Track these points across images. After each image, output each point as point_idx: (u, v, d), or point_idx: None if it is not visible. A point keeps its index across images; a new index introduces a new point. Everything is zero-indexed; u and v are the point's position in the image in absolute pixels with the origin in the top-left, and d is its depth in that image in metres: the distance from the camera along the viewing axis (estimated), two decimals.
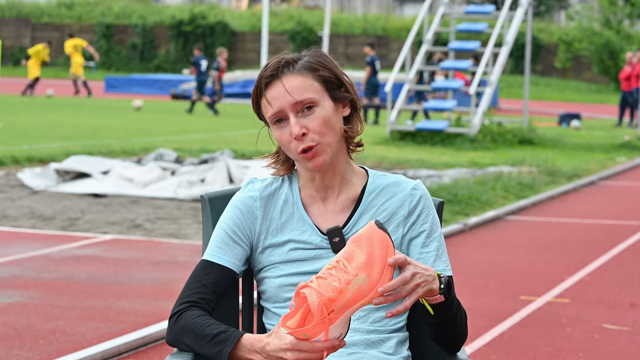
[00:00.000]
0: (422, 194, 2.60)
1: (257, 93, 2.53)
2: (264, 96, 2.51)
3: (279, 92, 2.49)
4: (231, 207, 2.60)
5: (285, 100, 2.48)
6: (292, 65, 2.51)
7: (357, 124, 2.58)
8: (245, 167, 12.46)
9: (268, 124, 2.56)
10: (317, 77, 2.50)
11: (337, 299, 2.20)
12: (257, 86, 2.52)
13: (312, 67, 2.51)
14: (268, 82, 2.50)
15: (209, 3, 55.70)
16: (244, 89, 33.58)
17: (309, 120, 2.48)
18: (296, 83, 2.49)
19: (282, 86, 2.48)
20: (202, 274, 2.54)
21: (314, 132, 2.48)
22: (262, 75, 2.51)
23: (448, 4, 21.13)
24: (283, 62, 2.51)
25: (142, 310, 6.20)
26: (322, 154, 2.49)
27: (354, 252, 2.25)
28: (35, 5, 51.61)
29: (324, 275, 2.22)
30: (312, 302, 2.18)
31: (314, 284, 2.20)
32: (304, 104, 2.48)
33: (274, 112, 2.50)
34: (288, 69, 2.50)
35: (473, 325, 2.88)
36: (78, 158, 12.39)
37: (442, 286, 2.38)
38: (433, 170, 14.26)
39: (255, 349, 2.34)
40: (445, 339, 2.55)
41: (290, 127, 2.48)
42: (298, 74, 2.50)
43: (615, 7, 42.16)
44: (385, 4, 59.85)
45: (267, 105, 2.50)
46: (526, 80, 21.76)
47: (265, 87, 2.50)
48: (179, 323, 2.48)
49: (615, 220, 10.72)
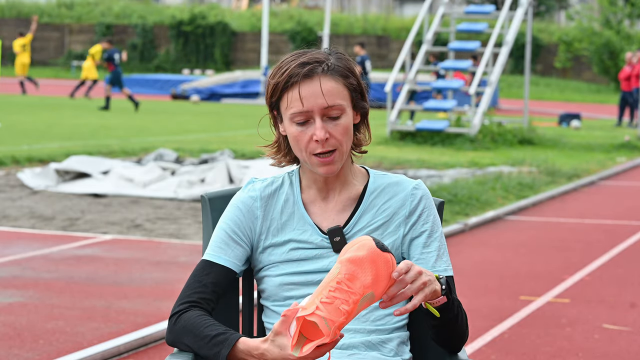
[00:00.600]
0: (423, 194, 2.60)
1: (285, 83, 2.46)
2: (296, 90, 2.45)
3: (313, 92, 2.45)
4: (231, 207, 2.60)
5: (317, 101, 2.44)
6: (327, 64, 2.47)
7: (366, 133, 2.59)
8: (245, 167, 12.46)
9: (278, 114, 2.52)
10: (347, 84, 2.49)
11: (348, 318, 2.21)
12: (288, 78, 2.45)
13: (344, 74, 2.48)
14: (305, 78, 2.45)
15: (209, 3, 55.70)
16: (244, 89, 33.56)
17: (334, 127, 2.46)
18: (330, 87, 2.46)
19: (319, 87, 2.45)
20: (203, 274, 2.54)
21: (336, 139, 2.47)
22: (296, 70, 2.45)
23: (448, 4, 21.13)
24: (321, 62, 2.47)
25: (142, 310, 6.20)
26: (337, 162, 2.49)
27: (356, 273, 2.22)
28: (35, 5, 51.62)
29: (329, 300, 2.19)
30: (325, 330, 2.17)
31: (322, 312, 2.18)
32: (333, 110, 2.46)
33: (302, 111, 2.45)
34: (324, 70, 2.46)
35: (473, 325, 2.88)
36: (78, 158, 12.39)
37: (443, 287, 2.38)
38: (433, 170, 14.26)
39: (253, 355, 2.33)
40: (447, 339, 2.54)
41: (313, 129, 2.45)
42: (332, 77, 2.47)
43: (615, 7, 42.17)
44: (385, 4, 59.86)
45: (296, 101, 2.45)
46: (526, 80, 21.76)
47: (301, 82, 2.45)
48: (179, 323, 2.48)
49: (615, 220, 10.72)
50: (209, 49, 48.05)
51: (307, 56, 2.48)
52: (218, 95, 33.35)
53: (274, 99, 2.50)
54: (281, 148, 2.58)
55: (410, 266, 2.28)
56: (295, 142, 2.49)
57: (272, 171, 11.93)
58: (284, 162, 2.59)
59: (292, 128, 2.48)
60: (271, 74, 2.51)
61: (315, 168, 2.50)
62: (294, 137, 2.49)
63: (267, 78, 2.57)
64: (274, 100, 2.50)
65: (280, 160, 2.59)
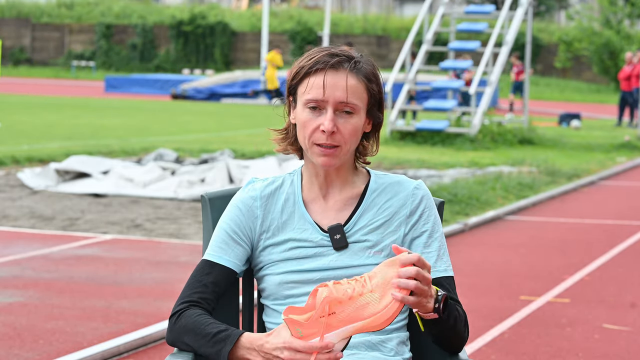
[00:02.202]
0: (424, 194, 2.60)
1: (310, 68, 2.48)
2: (319, 77, 2.47)
3: (336, 83, 2.46)
4: (231, 207, 2.60)
5: (337, 94, 2.46)
6: (357, 65, 2.49)
7: (374, 144, 2.60)
8: (245, 167, 12.46)
9: (293, 99, 2.53)
10: (368, 87, 2.51)
11: (344, 302, 2.22)
12: (314, 63, 2.47)
13: (369, 77, 2.50)
14: (331, 68, 2.47)
15: (209, 3, 55.71)
16: (244, 89, 33.55)
17: (343, 123, 2.48)
18: (353, 84, 2.48)
19: (344, 80, 2.47)
20: (203, 273, 2.54)
21: (342, 135, 2.48)
22: (324, 58, 2.46)
23: (448, 4, 21.13)
24: (350, 58, 2.49)
25: (142, 310, 6.20)
26: (337, 157, 2.50)
27: (379, 271, 2.26)
28: (35, 5, 51.62)
29: (342, 282, 2.25)
30: (319, 297, 2.21)
31: (330, 285, 2.23)
32: (348, 107, 2.47)
33: (319, 98, 2.47)
34: (353, 66, 2.48)
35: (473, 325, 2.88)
36: (78, 158, 12.39)
37: (436, 305, 2.37)
38: (433, 170, 14.26)
39: (254, 347, 2.34)
40: (445, 343, 2.55)
41: (323, 119, 2.47)
42: (357, 76, 2.49)
43: (615, 7, 42.18)
44: (385, 4, 59.86)
45: (317, 87, 2.46)
46: (526, 80, 21.75)
47: (327, 70, 2.47)
48: (179, 322, 2.48)
49: (615, 220, 10.72)
50: (209, 49, 48.06)
51: (338, 49, 2.51)
52: (218, 95, 33.34)
53: (295, 81, 2.51)
54: (289, 135, 2.59)
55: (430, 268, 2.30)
56: (302, 128, 2.50)
57: (272, 171, 11.93)
58: (289, 150, 2.60)
59: (304, 113, 2.49)
60: (299, 60, 2.53)
61: (315, 157, 2.51)
62: (303, 123, 2.49)
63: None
64: (294, 82, 2.51)
65: (285, 148, 2.60)
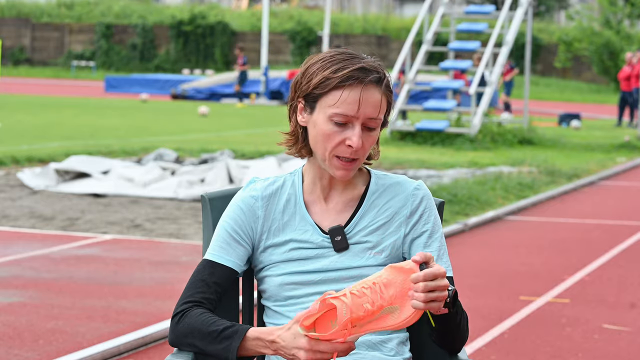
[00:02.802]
0: (424, 194, 2.60)
1: (341, 81, 2.42)
2: (354, 92, 2.42)
3: (368, 100, 2.43)
4: (232, 206, 2.60)
5: (368, 110, 2.43)
6: (383, 79, 2.46)
7: (375, 146, 2.60)
8: (245, 167, 12.46)
9: (307, 104, 2.49)
10: (388, 101, 2.50)
11: (365, 318, 2.21)
12: (347, 77, 2.42)
13: (391, 89, 2.50)
14: (368, 84, 2.43)
15: (209, 3, 55.71)
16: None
17: (367, 138, 2.47)
18: (383, 100, 2.47)
19: (379, 97, 2.45)
20: (204, 273, 2.54)
21: (364, 149, 2.48)
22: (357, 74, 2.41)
23: (448, 4, 21.13)
24: (379, 73, 2.45)
25: (142, 310, 6.20)
26: (355, 169, 2.50)
27: (394, 281, 2.24)
28: (35, 5, 51.63)
29: (358, 294, 2.21)
30: (341, 316, 2.18)
31: (347, 300, 2.19)
32: (375, 122, 2.47)
33: (350, 114, 2.43)
34: (381, 82, 2.46)
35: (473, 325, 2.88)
36: (78, 158, 12.39)
37: (447, 300, 2.37)
38: (433, 170, 14.26)
39: (265, 341, 2.34)
40: (447, 342, 2.55)
41: (351, 134, 2.44)
42: (384, 91, 2.47)
43: (615, 7, 42.18)
44: (385, 4, 59.86)
45: (350, 103, 2.42)
46: (526, 80, 21.76)
47: (364, 85, 2.43)
48: (183, 323, 2.48)
49: (615, 220, 10.72)
50: (209, 49, 48.06)
51: (365, 62, 2.46)
52: (218, 95, 33.34)
53: (318, 91, 2.46)
54: (299, 139, 2.55)
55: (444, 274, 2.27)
56: (324, 139, 2.46)
57: (272, 171, 11.93)
58: (298, 154, 2.57)
59: (327, 125, 2.45)
60: (316, 65, 2.46)
61: (332, 170, 2.49)
62: (326, 135, 2.46)
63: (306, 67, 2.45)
64: (317, 92, 2.46)
65: (298, 151, 2.56)
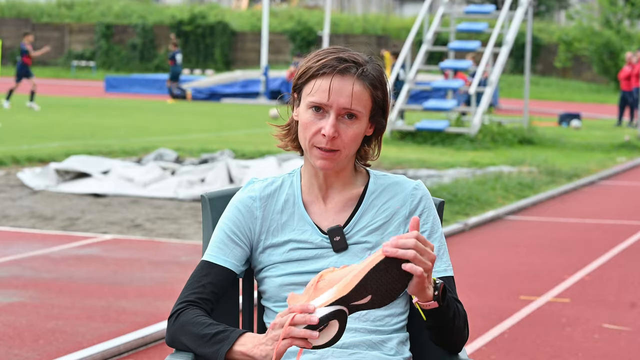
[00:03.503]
0: (423, 194, 2.60)
1: (317, 70, 2.46)
2: (325, 81, 2.45)
3: (342, 89, 2.45)
4: (231, 207, 2.60)
5: (341, 100, 2.45)
6: (363, 69, 2.48)
7: (375, 148, 2.60)
8: (245, 167, 12.46)
9: (298, 97, 2.53)
10: (373, 95, 2.49)
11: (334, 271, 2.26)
12: (322, 66, 2.45)
13: (375, 84, 2.49)
14: (338, 73, 2.46)
15: (209, 3, 55.71)
16: (244, 89, 33.55)
17: (345, 128, 2.47)
18: (358, 91, 2.47)
19: (351, 87, 2.46)
20: (202, 274, 2.55)
21: (343, 141, 2.48)
22: (332, 63, 2.45)
23: (448, 4, 21.13)
24: (358, 64, 2.47)
25: (142, 310, 6.20)
26: (335, 161, 2.50)
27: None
28: (35, 5, 51.63)
29: None
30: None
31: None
32: (350, 113, 2.47)
33: (323, 102, 2.46)
34: (360, 72, 2.47)
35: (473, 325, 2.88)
36: (78, 158, 12.39)
37: (435, 292, 2.37)
38: (433, 170, 14.26)
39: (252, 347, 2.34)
40: (445, 341, 2.54)
41: (325, 123, 2.46)
42: (364, 83, 2.47)
43: (615, 7, 42.17)
44: (385, 3, 59.86)
45: (322, 91, 2.45)
46: (526, 80, 21.75)
47: (334, 75, 2.46)
48: (178, 323, 2.49)
49: (615, 220, 10.72)
50: (209, 49, 48.06)
51: (347, 54, 2.49)
52: (218, 95, 33.34)
53: (301, 81, 2.51)
54: (291, 132, 2.59)
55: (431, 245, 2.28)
56: (303, 129, 2.50)
57: (272, 171, 11.93)
58: (290, 146, 2.60)
59: (306, 114, 2.49)
60: (307, 58, 2.52)
61: (313, 160, 2.51)
62: (304, 124, 2.49)
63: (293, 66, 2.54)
64: (300, 82, 2.51)
65: (286, 144, 2.60)
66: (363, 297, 2.23)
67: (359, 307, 2.24)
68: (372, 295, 2.23)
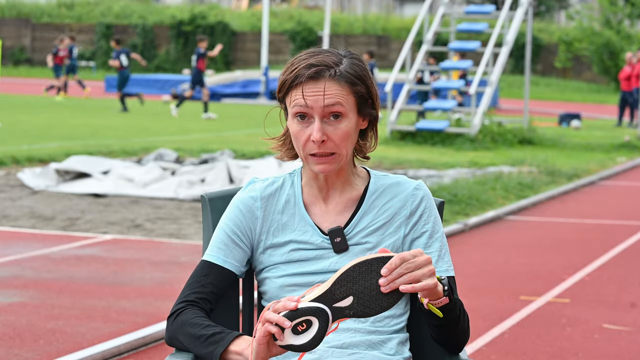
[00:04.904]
0: (424, 194, 2.60)
1: (292, 82, 2.48)
2: (300, 88, 2.47)
3: (316, 92, 2.46)
4: (232, 207, 2.60)
5: (317, 103, 2.46)
6: (335, 70, 2.48)
7: (372, 139, 2.59)
8: (245, 167, 12.46)
9: (286, 109, 2.55)
10: (353, 90, 2.49)
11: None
12: (295, 77, 2.47)
13: (352, 81, 2.49)
14: (309, 80, 2.46)
15: (209, 3, 55.70)
16: (244, 89, 33.55)
17: (333, 130, 2.47)
18: (334, 91, 2.47)
19: (323, 88, 2.46)
20: (202, 274, 2.55)
21: (334, 142, 2.48)
22: (303, 71, 2.46)
23: (448, 4, 21.13)
24: (329, 66, 2.48)
25: (142, 310, 6.20)
26: (334, 163, 2.50)
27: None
28: (35, 5, 51.62)
29: None
30: None
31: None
32: (332, 113, 2.47)
33: (303, 109, 2.47)
34: (331, 73, 2.47)
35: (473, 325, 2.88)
36: (78, 158, 12.39)
37: (445, 288, 2.38)
38: (433, 170, 14.26)
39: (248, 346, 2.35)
40: (448, 340, 2.54)
41: (312, 129, 2.47)
42: (338, 82, 2.48)
43: (615, 7, 42.17)
44: (385, 4, 59.86)
45: (300, 97, 2.47)
46: (526, 80, 21.75)
47: (304, 83, 2.47)
48: (176, 322, 2.50)
49: (615, 220, 10.72)
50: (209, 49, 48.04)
51: (317, 58, 2.49)
52: (218, 95, 33.34)
53: (281, 94, 2.53)
54: (286, 142, 2.60)
55: (417, 253, 2.28)
56: (295, 139, 2.51)
57: (272, 171, 11.93)
58: (286, 157, 2.61)
59: (294, 125, 2.50)
60: (283, 70, 2.54)
61: (312, 166, 2.52)
62: (294, 134, 2.51)
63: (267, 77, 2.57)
64: (281, 95, 2.53)
65: (283, 154, 2.61)
66: (344, 296, 2.23)
67: (342, 310, 2.24)
68: (353, 297, 2.24)
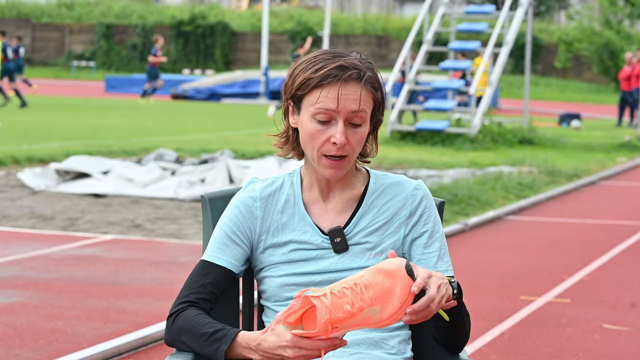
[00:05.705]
0: (424, 194, 2.60)
1: (320, 80, 2.43)
2: (333, 89, 2.43)
3: (348, 96, 2.43)
4: (231, 207, 2.60)
5: (349, 106, 2.43)
6: (364, 75, 2.46)
7: (373, 144, 2.59)
8: (245, 167, 12.46)
9: (295, 105, 2.50)
10: (374, 97, 2.49)
11: (345, 320, 2.19)
12: (325, 76, 2.43)
13: (375, 85, 2.48)
14: (344, 81, 2.43)
15: (209, 3, 55.70)
16: (244, 89, 33.54)
17: (352, 134, 2.46)
18: (364, 96, 2.46)
19: (355, 93, 2.44)
20: (201, 274, 2.54)
21: (351, 146, 2.47)
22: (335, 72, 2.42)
23: (448, 4, 21.13)
24: (359, 69, 2.45)
25: (142, 310, 6.20)
26: (344, 168, 2.49)
27: (374, 282, 2.21)
28: (35, 5, 51.62)
29: (338, 294, 2.18)
30: (320, 317, 2.16)
31: (327, 301, 2.17)
32: (357, 117, 2.45)
33: (328, 110, 2.44)
34: (364, 77, 2.45)
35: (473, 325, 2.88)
36: (78, 158, 12.39)
37: (454, 291, 2.38)
38: (433, 170, 14.26)
39: (251, 347, 2.34)
40: (451, 341, 2.55)
41: (334, 131, 2.44)
42: (365, 86, 2.46)
43: (615, 7, 42.18)
44: (385, 4, 59.86)
45: (330, 100, 2.43)
46: (526, 80, 21.75)
47: (341, 84, 2.43)
48: (177, 323, 2.49)
49: (615, 220, 10.72)
50: (209, 49, 48.05)
51: (345, 60, 2.46)
52: (218, 95, 33.34)
53: (301, 92, 2.47)
54: (290, 140, 2.57)
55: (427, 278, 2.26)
56: (309, 139, 2.47)
57: (272, 171, 11.93)
58: (290, 154, 2.58)
59: (311, 124, 2.47)
60: (300, 67, 2.48)
61: (321, 169, 2.50)
62: (311, 134, 2.47)
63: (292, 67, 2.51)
64: (300, 93, 2.47)
65: (287, 152, 2.58)
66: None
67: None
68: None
